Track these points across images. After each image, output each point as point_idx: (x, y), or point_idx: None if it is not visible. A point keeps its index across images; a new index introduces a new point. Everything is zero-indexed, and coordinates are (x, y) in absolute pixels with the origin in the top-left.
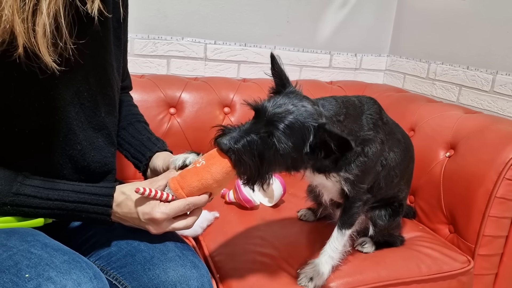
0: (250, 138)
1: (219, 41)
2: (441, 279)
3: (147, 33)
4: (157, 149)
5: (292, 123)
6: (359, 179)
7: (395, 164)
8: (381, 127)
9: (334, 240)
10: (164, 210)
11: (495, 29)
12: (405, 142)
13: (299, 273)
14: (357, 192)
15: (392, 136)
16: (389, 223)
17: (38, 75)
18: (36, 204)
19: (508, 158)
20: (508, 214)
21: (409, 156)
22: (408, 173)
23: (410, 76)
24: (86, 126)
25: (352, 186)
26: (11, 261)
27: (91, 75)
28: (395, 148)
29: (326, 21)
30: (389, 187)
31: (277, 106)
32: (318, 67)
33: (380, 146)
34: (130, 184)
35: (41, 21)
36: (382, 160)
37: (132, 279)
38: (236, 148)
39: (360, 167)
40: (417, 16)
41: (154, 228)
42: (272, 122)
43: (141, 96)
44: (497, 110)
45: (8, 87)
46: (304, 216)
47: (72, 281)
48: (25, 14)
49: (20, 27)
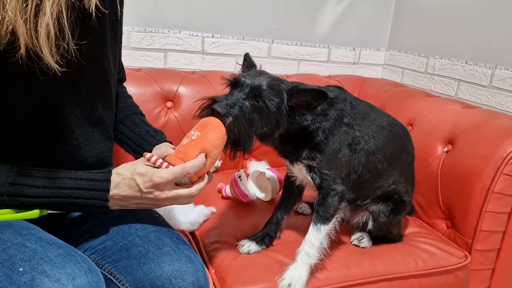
0: (241, 103)
1: (216, 34)
2: (438, 274)
3: (144, 26)
4: (156, 142)
5: (271, 84)
6: (323, 164)
7: (375, 149)
8: (345, 110)
9: (309, 236)
10: (163, 174)
11: (494, 23)
12: (391, 129)
13: (277, 281)
14: (324, 180)
15: (369, 122)
16: (389, 220)
17: (38, 75)
18: (33, 193)
19: (506, 153)
20: (506, 209)
21: (398, 145)
22: (403, 164)
23: (408, 70)
24: (82, 121)
25: (317, 174)
26: (5, 254)
27: (87, 70)
28: (373, 133)
29: (325, 15)
30: (375, 176)
31: (253, 77)
32: (316, 61)
33: (344, 129)
34: (123, 165)
35: (44, 22)
36: (351, 144)
37: (127, 273)
38: (232, 112)
39: (321, 151)
40: (415, 10)
41: (158, 195)
42: (256, 86)
43: (138, 89)
44: (495, 105)
45: (4, 84)
46: (301, 209)
47: (66, 275)
48: (27, 15)
49: (22, 28)
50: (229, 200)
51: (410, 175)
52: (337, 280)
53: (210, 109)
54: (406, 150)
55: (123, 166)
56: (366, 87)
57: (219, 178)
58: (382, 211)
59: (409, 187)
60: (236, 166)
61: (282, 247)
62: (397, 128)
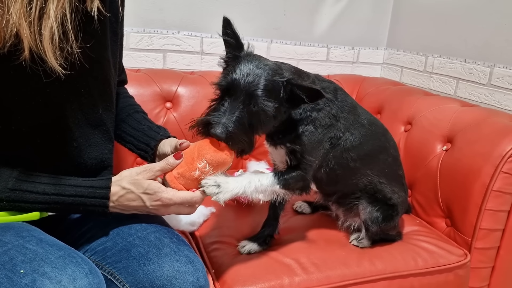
0: (238, 115)
1: (215, 35)
2: (437, 272)
3: (142, 26)
4: (160, 137)
5: (266, 85)
6: (305, 151)
7: (350, 146)
8: (334, 102)
9: (264, 176)
10: (173, 198)
11: (493, 21)
12: (370, 128)
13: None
14: (301, 162)
15: (353, 117)
16: (381, 228)
17: (41, 77)
18: (32, 199)
19: (505, 151)
20: (505, 207)
21: (376, 145)
22: (381, 165)
23: (407, 69)
24: (82, 123)
25: (297, 157)
26: (6, 256)
27: (89, 72)
28: (353, 130)
29: (323, 14)
30: (348, 173)
31: (246, 75)
32: (315, 60)
33: (330, 121)
34: (124, 176)
35: (48, 24)
36: (333, 138)
37: (128, 274)
38: (232, 132)
39: (305, 139)
40: (414, 8)
41: (163, 211)
42: (250, 92)
43: (137, 90)
44: (494, 103)
45: (6, 86)
46: (300, 207)
47: (67, 277)
48: (31, 18)
49: (26, 30)
50: (229, 200)
51: (393, 175)
52: (337, 279)
53: (207, 130)
54: (385, 151)
55: (125, 178)
56: (365, 86)
57: None
58: (373, 220)
59: (396, 187)
60: (235, 166)
61: (281, 247)
62: (377, 129)
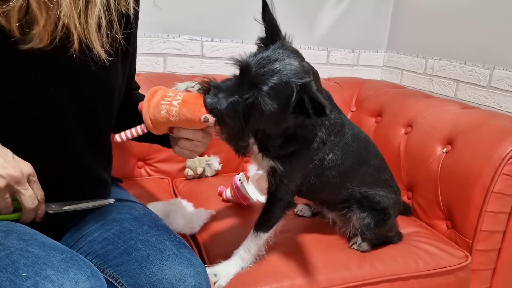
0: (234, 100)
1: (216, 38)
2: (438, 274)
3: (143, 31)
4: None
5: (276, 84)
6: (287, 174)
7: (332, 165)
8: (326, 125)
9: (248, 241)
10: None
11: (493, 24)
12: (353, 145)
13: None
14: (279, 190)
15: (338, 138)
16: (376, 233)
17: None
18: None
19: (505, 153)
20: (505, 209)
21: (356, 160)
22: (361, 177)
23: (407, 72)
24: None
25: (276, 180)
26: (8, 260)
27: (94, 78)
28: (337, 150)
29: (323, 18)
30: (327, 186)
31: (262, 66)
32: (316, 63)
33: (318, 144)
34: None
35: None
36: (317, 159)
37: (129, 277)
38: (220, 109)
39: (292, 161)
40: (414, 11)
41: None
42: (256, 84)
43: None
44: (494, 105)
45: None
46: (301, 211)
47: (69, 280)
48: (79, 8)
49: (76, 21)
50: (229, 203)
51: (376, 182)
52: (337, 282)
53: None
54: (365, 164)
55: None
56: (365, 89)
57: (219, 181)
58: (365, 227)
59: (382, 191)
60: (236, 169)
61: (281, 251)
62: (359, 143)
